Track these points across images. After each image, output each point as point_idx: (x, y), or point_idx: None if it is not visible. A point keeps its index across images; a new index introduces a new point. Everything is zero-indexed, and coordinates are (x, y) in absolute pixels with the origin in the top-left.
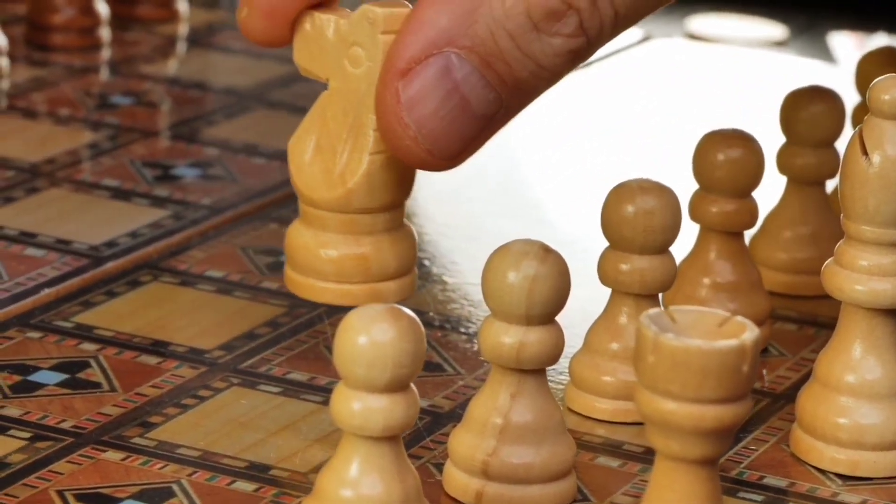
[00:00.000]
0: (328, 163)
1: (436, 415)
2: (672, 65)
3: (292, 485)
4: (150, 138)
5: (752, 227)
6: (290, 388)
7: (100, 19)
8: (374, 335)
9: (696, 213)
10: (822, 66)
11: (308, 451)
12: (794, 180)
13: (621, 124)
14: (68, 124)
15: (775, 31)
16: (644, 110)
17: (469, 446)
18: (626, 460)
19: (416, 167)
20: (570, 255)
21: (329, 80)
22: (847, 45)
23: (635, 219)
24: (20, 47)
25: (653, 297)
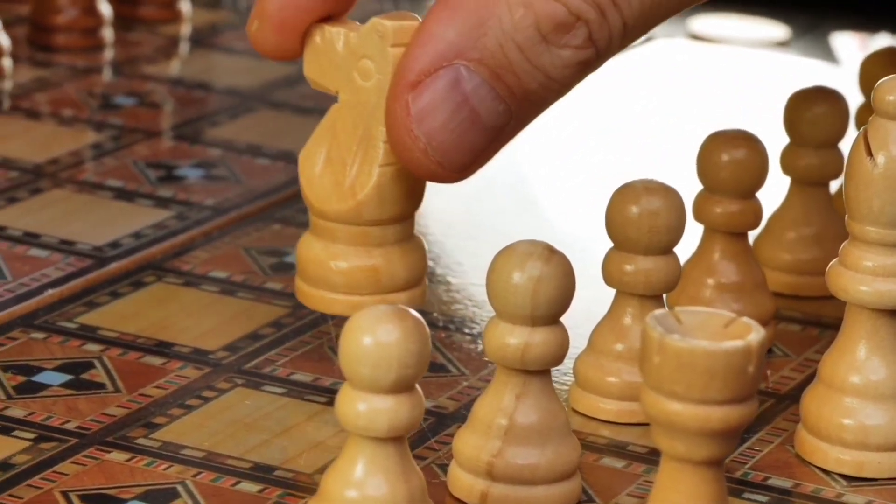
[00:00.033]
0: (338, 175)
1: (440, 416)
2: (674, 65)
3: (297, 486)
4: (154, 139)
5: (757, 227)
6: (295, 389)
7: (103, 20)
8: (379, 336)
9: (700, 214)
10: (824, 66)
11: (313, 452)
12: (797, 181)
13: (623, 124)
14: (72, 125)
15: (778, 31)
16: (646, 110)
17: (474, 447)
18: (631, 461)
19: (426, 179)
20: (573, 255)
21: (339, 93)
22: (850, 45)
23: (640, 219)
24: (23, 48)
25: (657, 297)
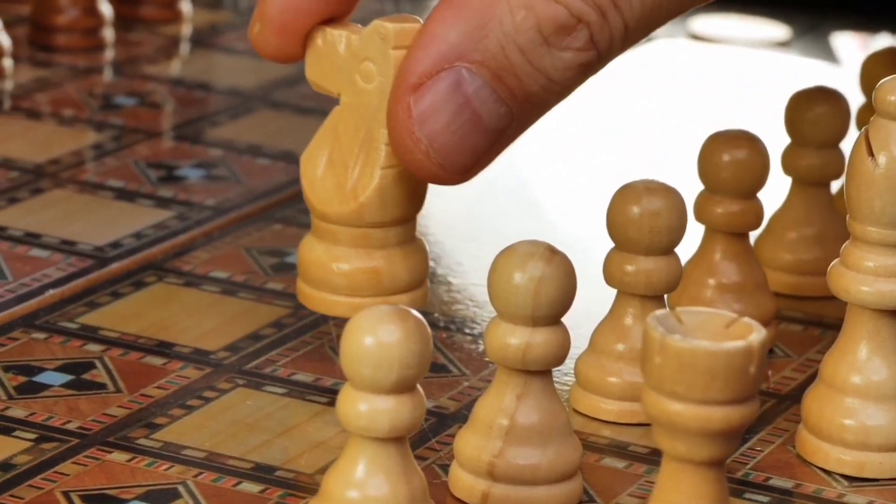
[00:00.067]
0: (340, 177)
1: (441, 416)
2: (675, 65)
3: (298, 486)
4: (154, 139)
5: (758, 227)
6: (296, 390)
7: (103, 20)
8: (380, 336)
9: (702, 214)
10: (825, 66)
11: (314, 453)
12: (798, 181)
13: (624, 125)
14: (72, 125)
15: (778, 31)
16: (647, 110)
17: (475, 447)
18: (632, 461)
19: (427, 181)
20: (574, 256)
21: (341, 96)
22: (850, 45)
23: (641, 220)
24: (24, 48)
25: (658, 297)
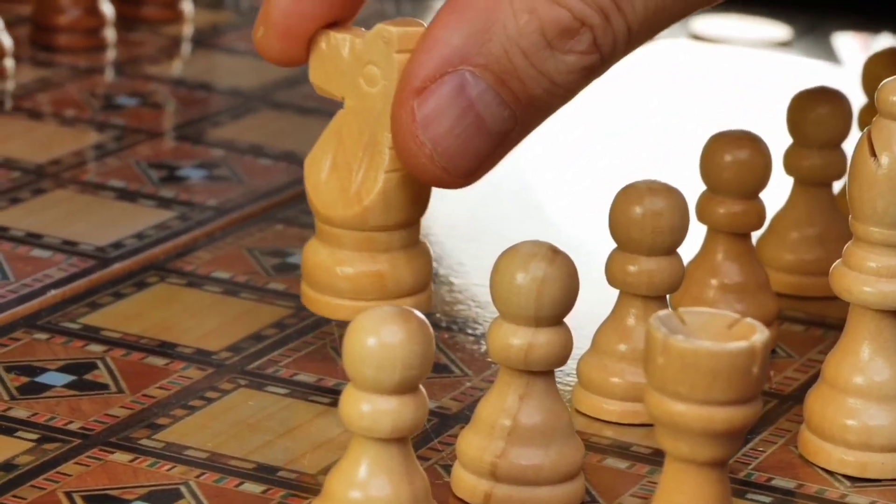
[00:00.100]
0: (344, 181)
1: (443, 416)
2: (676, 65)
3: (301, 486)
4: (156, 139)
5: (760, 228)
6: (298, 390)
7: (105, 20)
8: (383, 337)
9: (704, 215)
10: (826, 66)
11: (316, 453)
12: (800, 181)
13: (625, 125)
14: (74, 125)
15: (779, 31)
16: (648, 111)
17: (477, 448)
18: (635, 462)
19: (431, 185)
20: (576, 257)
21: (345, 99)
22: (851, 45)
23: (643, 220)
24: (25, 48)
25: (661, 298)
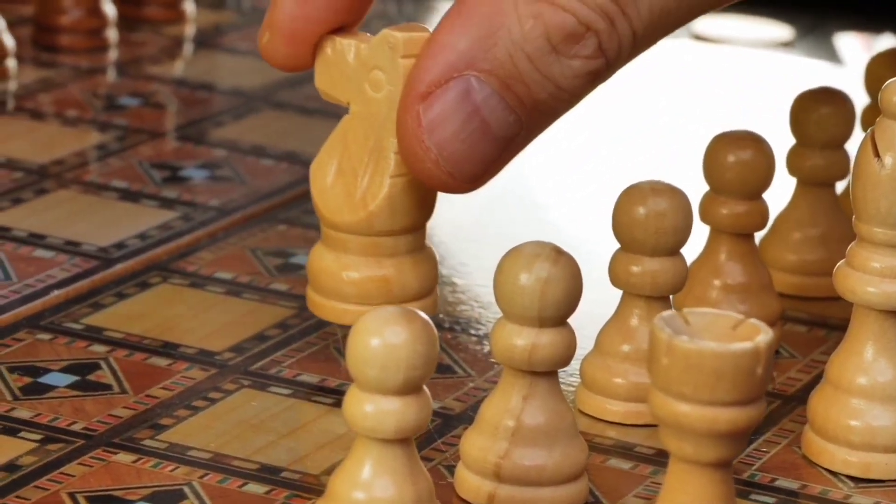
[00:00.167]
0: (350, 186)
1: (447, 417)
2: (679, 66)
3: (304, 487)
4: (158, 139)
5: (763, 228)
6: (301, 390)
7: (107, 20)
8: (387, 337)
9: (707, 215)
10: (828, 66)
11: (320, 454)
12: (803, 182)
13: (627, 126)
14: (76, 125)
15: (781, 31)
16: (650, 111)
17: (481, 448)
18: (638, 462)
19: (437, 190)
20: (579, 258)
21: (350, 105)
22: (853, 45)
23: (647, 220)
24: (27, 49)
25: (664, 298)
